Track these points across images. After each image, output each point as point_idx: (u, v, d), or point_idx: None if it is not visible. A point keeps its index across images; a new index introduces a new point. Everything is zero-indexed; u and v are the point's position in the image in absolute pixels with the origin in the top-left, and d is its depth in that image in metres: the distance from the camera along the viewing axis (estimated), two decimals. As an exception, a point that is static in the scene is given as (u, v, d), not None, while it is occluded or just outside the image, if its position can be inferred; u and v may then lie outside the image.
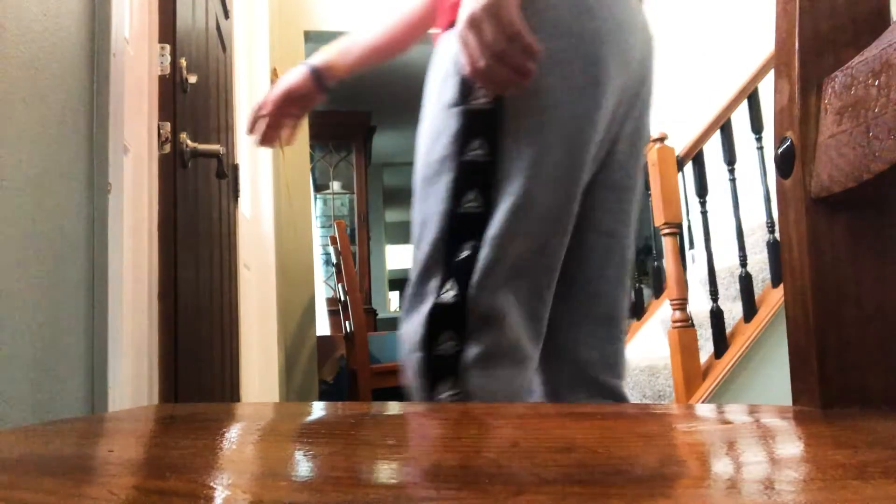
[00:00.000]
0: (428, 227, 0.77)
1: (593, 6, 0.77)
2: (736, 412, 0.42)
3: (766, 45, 2.86)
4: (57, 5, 0.82)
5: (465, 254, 0.74)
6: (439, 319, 0.74)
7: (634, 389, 3.06)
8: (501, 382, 0.75)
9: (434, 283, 0.75)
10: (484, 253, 0.74)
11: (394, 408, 0.52)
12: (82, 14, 0.90)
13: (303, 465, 0.29)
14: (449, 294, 0.74)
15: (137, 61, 1.25)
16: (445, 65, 0.79)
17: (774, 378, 2.49)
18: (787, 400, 0.41)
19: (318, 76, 1.00)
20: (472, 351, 0.73)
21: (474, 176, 0.75)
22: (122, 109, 1.00)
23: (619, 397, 0.90)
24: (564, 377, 0.89)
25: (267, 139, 1.03)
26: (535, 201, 0.75)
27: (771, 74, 2.69)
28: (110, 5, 0.95)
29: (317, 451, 0.32)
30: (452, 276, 0.74)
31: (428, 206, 0.77)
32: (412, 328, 0.75)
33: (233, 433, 0.40)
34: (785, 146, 0.40)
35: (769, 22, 0.46)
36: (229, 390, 1.74)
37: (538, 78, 0.72)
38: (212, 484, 0.26)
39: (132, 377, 1.12)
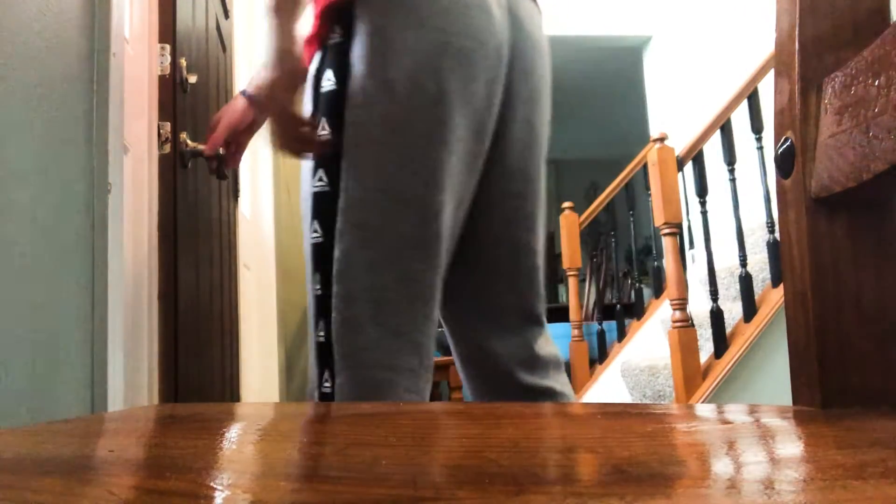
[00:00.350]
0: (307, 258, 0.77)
1: (425, 21, 0.74)
2: (736, 412, 0.42)
3: (766, 45, 2.86)
4: (57, 4, 0.82)
5: (317, 289, 0.74)
6: (319, 358, 0.74)
7: (634, 389, 3.07)
8: None
9: (312, 321, 0.76)
10: (335, 289, 0.72)
11: (392, 408, 0.52)
12: (82, 13, 0.90)
13: (302, 465, 0.29)
14: (320, 334, 0.73)
15: (137, 61, 1.25)
16: (308, 85, 0.80)
17: (774, 378, 2.49)
18: (787, 400, 0.41)
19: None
20: (338, 388, 0.72)
21: (319, 207, 0.74)
22: (122, 109, 1.00)
23: (545, 394, 0.89)
24: (482, 381, 0.91)
25: (230, 166, 1.12)
26: (383, 229, 0.73)
27: (771, 74, 2.69)
28: (110, 5, 0.95)
29: (316, 450, 0.32)
30: (321, 315, 0.73)
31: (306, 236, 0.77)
32: (311, 365, 0.76)
33: (232, 433, 0.40)
34: (785, 146, 0.40)
35: (769, 22, 0.46)
36: (229, 390, 1.74)
37: (372, 106, 0.72)
38: (212, 484, 0.26)
39: (132, 377, 1.12)
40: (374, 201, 0.73)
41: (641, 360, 3.11)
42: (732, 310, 2.72)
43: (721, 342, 2.54)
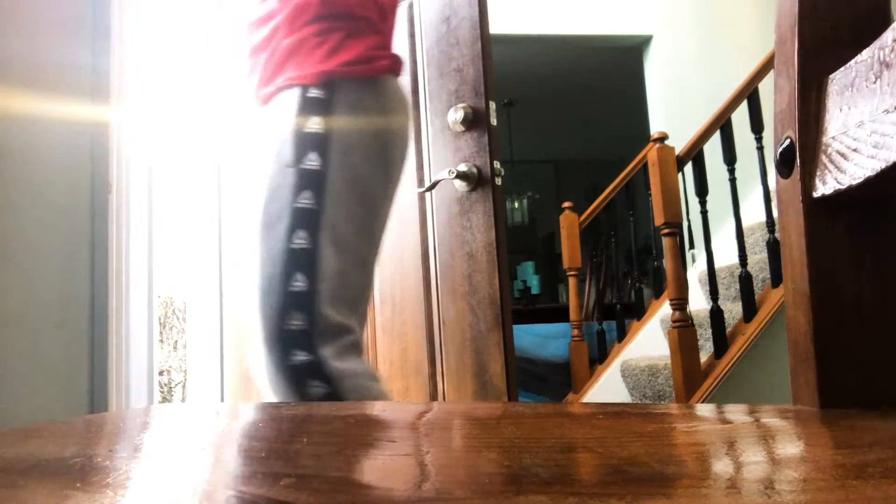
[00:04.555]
0: (269, 262, 0.94)
1: (390, 123, 1.03)
2: (736, 412, 0.42)
3: (766, 45, 2.86)
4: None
5: (299, 284, 0.92)
6: (292, 340, 0.91)
7: (634, 389, 3.07)
8: (357, 367, 0.95)
9: (285, 312, 0.92)
10: (321, 287, 0.93)
11: (391, 408, 0.52)
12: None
13: (301, 465, 0.29)
14: (297, 323, 0.91)
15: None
16: (283, 128, 0.98)
17: (774, 378, 2.49)
18: (787, 400, 0.41)
19: None
20: (327, 351, 0.91)
21: (303, 220, 0.94)
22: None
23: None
24: None
25: None
26: (349, 240, 0.98)
27: (771, 74, 2.69)
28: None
29: (315, 450, 0.32)
30: (291, 304, 0.92)
31: (269, 245, 0.95)
32: (259, 350, 0.93)
33: (233, 432, 0.40)
34: (785, 146, 0.40)
35: (769, 22, 0.46)
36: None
37: (351, 155, 0.97)
38: (212, 483, 0.26)
39: (132, 377, 1.12)
40: (348, 225, 0.98)
41: (641, 360, 3.11)
42: (732, 310, 2.71)
43: (721, 342, 2.54)
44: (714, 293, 2.60)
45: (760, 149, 2.70)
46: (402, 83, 1.10)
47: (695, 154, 2.77)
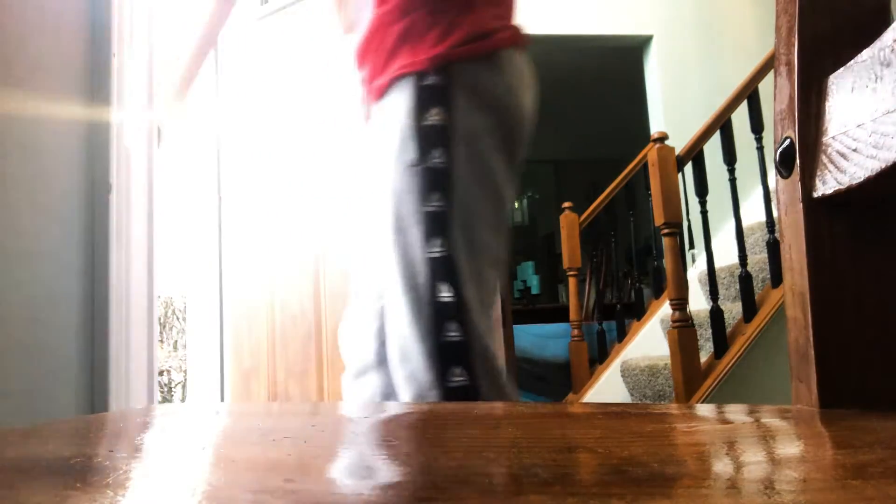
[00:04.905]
0: (409, 272, 0.88)
1: (513, 102, 0.95)
2: (736, 412, 0.42)
3: (766, 45, 2.86)
4: None
5: (445, 295, 0.87)
6: (445, 356, 0.85)
7: (634, 389, 3.07)
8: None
9: (431, 324, 0.86)
10: (468, 295, 0.87)
11: (392, 408, 0.52)
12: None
13: (301, 465, 0.29)
14: (452, 335, 0.86)
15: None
16: (401, 123, 0.91)
17: (774, 378, 2.49)
18: (787, 400, 0.41)
19: None
20: (475, 379, 0.85)
21: (436, 225, 0.88)
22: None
23: None
24: None
25: None
26: (482, 239, 0.91)
27: (771, 74, 2.69)
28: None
29: (314, 450, 0.32)
30: (451, 319, 0.86)
31: (404, 252, 0.89)
32: (417, 365, 0.87)
33: (226, 433, 0.40)
34: (785, 146, 0.40)
35: (769, 22, 0.46)
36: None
37: (476, 144, 0.90)
38: (212, 483, 0.26)
39: (132, 377, 1.12)
40: (479, 223, 0.91)
41: (641, 360, 3.11)
42: (732, 310, 2.71)
43: (721, 342, 2.54)
44: (714, 293, 2.60)
45: (760, 149, 2.70)
46: (524, 55, 1.00)
47: (695, 154, 2.77)
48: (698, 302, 3.16)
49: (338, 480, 0.27)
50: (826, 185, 0.37)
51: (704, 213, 2.69)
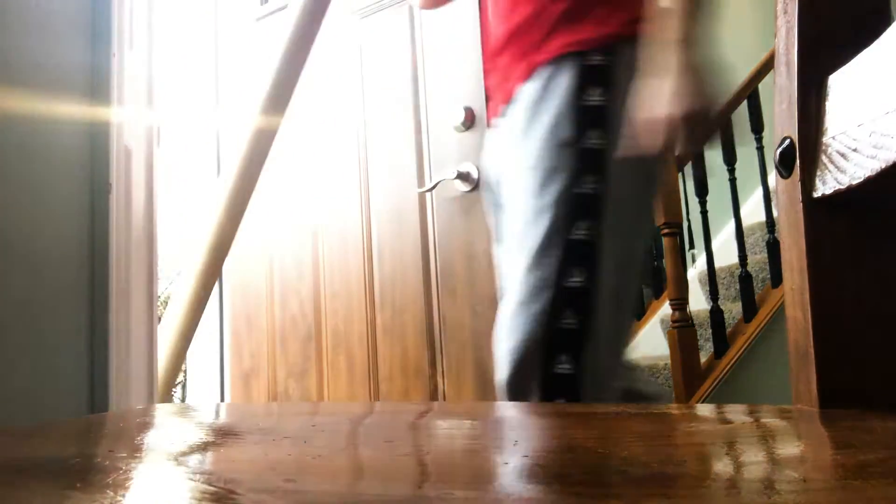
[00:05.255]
0: (542, 249, 0.85)
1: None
2: (736, 412, 0.42)
3: (765, 45, 2.86)
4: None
5: (575, 280, 0.84)
6: (560, 342, 0.83)
7: (634, 389, 3.06)
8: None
9: (551, 308, 0.84)
10: (608, 282, 0.84)
11: (393, 408, 0.52)
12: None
13: (301, 465, 0.29)
14: (569, 322, 0.83)
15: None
16: (557, 103, 0.87)
17: (774, 378, 2.48)
18: (787, 400, 0.41)
19: None
20: (582, 368, 0.83)
21: (586, 208, 0.85)
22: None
23: None
24: None
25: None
26: (627, 230, 0.88)
27: (771, 74, 2.69)
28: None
29: (315, 450, 0.32)
30: (565, 300, 0.84)
31: (541, 231, 0.86)
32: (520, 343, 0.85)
33: (226, 433, 0.40)
34: (785, 146, 0.40)
35: (769, 21, 0.46)
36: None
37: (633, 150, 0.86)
38: (212, 482, 0.26)
39: (132, 377, 1.12)
40: (628, 212, 0.88)
41: (641, 360, 3.10)
42: (732, 310, 2.71)
43: (721, 342, 2.54)
44: (714, 293, 2.60)
45: (760, 149, 2.70)
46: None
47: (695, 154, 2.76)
48: (698, 302, 3.16)
49: (338, 480, 0.26)
50: (826, 185, 0.37)
51: (704, 213, 2.69)
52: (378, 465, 0.29)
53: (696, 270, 3.46)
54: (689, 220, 3.74)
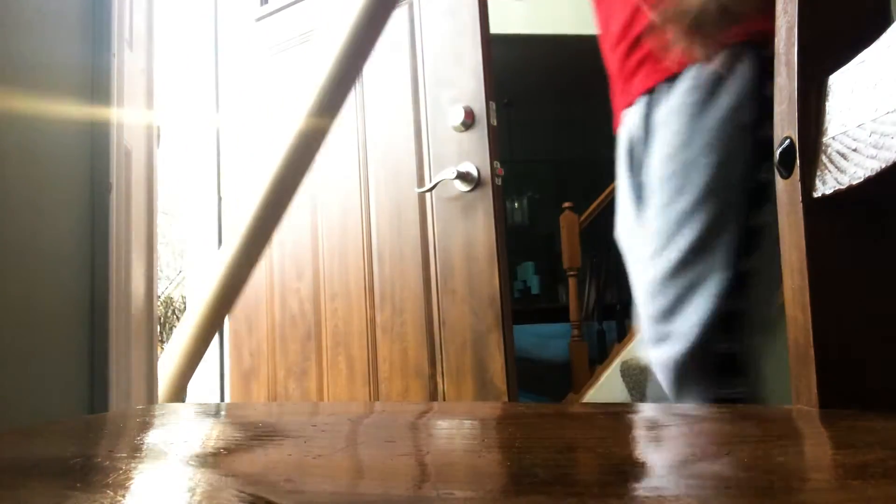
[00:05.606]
0: (708, 230, 0.86)
1: None
2: (736, 412, 0.42)
3: (766, 45, 2.85)
4: None
5: (750, 265, 0.85)
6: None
7: (634, 389, 3.06)
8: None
9: (720, 291, 0.84)
10: (765, 272, 0.85)
11: (392, 408, 0.52)
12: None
13: (301, 465, 0.29)
14: (742, 304, 0.85)
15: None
16: (737, 89, 0.88)
17: (774, 378, 2.48)
18: (787, 400, 0.41)
19: None
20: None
21: (761, 196, 0.85)
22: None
23: None
24: None
25: None
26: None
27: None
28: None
29: (314, 450, 0.32)
30: (740, 286, 0.85)
31: (713, 214, 0.87)
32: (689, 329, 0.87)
33: (226, 432, 0.40)
34: (785, 146, 0.40)
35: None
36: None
37: None
38: (212, 482, 0.26)
39: (132, 377, 1.12)
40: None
41: (641, 359, 3.10)
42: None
43: (721, 342, 2.54)
44: (714, 293, 2.59)
45: (760, 149, 2.70)
46: None
47: (695, 154, 2.76)
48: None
49: (338, 480, 0.26)
50: (826, 185, 0.37)
51: (704, 213, 2.69)
52: (378, 465, 0.29)
53: (696, 270, 3.45)
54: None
